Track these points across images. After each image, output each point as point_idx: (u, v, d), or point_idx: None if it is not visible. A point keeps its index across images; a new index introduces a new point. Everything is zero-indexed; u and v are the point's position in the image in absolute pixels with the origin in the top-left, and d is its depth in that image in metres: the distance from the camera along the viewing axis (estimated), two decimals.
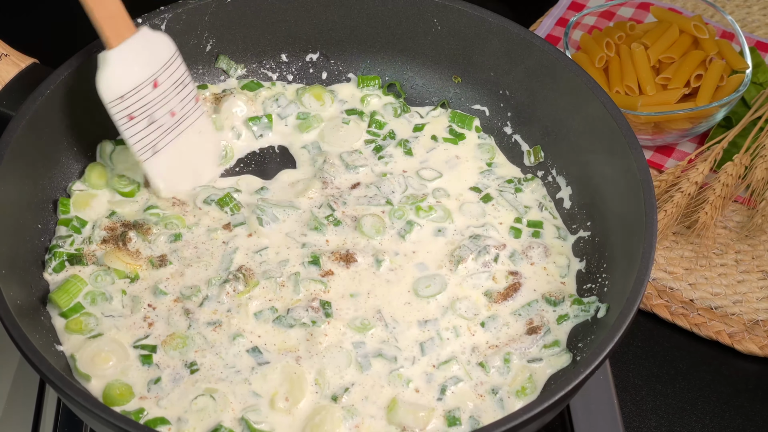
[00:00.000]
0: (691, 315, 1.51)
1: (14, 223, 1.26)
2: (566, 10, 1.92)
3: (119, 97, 1.27)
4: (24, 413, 1.34)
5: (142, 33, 1.29)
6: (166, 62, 1.31)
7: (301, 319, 1.25)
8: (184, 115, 1.35)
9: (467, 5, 1.44)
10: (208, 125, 1.40)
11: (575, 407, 1.33)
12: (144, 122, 1.30)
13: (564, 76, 1.37)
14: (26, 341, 1.11)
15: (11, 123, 1.27)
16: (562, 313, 1.28)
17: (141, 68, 1.28)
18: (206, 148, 1.40)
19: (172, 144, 1.35)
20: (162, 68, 1.30)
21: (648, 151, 1.70)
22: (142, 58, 1.28)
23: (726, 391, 1.46)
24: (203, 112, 1.38)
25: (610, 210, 1.34)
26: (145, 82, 1.29)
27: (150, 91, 1.29)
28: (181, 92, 1.33)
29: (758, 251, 1.58)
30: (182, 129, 1.35)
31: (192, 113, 1.36)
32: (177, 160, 1.36)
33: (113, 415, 1.07)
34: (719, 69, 1.64)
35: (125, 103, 1.28)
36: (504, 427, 1.06)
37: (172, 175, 1.36)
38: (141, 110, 1.29)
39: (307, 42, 1.52)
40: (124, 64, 1.27)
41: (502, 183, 1.43)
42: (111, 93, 1.27)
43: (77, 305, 1.26)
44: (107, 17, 1.24)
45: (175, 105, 1.33)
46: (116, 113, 1.28)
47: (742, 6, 1.94)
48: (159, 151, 1.34)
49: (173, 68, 1.32)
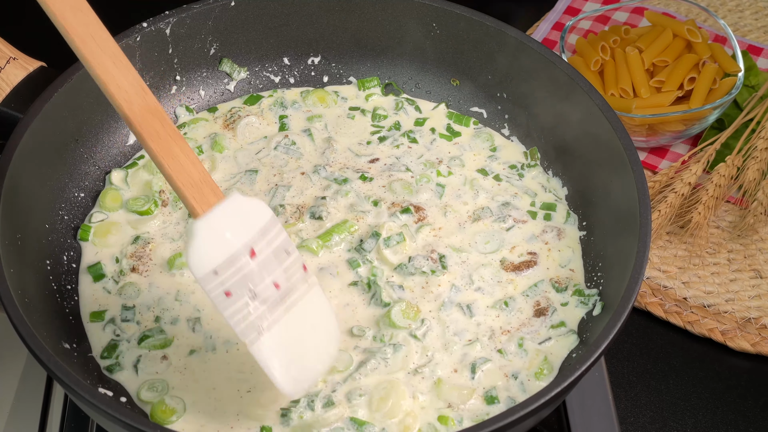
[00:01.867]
0: (684, 313, 1.52)
1: (24, 222, 1.27)
2: (562, 15, 1.93)
3: (212, 271, 1.07)
4: (31, 409, 1.34)
5: (233, 198, 1.10)
6: (262, 228, 1.11)
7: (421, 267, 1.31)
8: (290, 287, 1.13)
9: (466, 10, 1.44)
10: (321, 298, 1.17)
11: (571, 403, 1.34)
12: (244, 298, 1.09)
13: (560, 79, 1.38)
14: (34, 339, 1.12)
15: (19, 124, 1.28)
16: (563, 301, 1.31)
17: (234, 236, 1.09)
18: (322, 325, 1.18)
19: (282, 322, 1.13)
20: (258, 235, 1.10)
21: (642, 153, 1.71)
22: (235, 225, 1.09)
23: (718, 387, 1.46)
24: (315, 283, 1.16)
25: (605, 210, 1.35)
26: (239, 251, 1.09)
27: (247, 262, 1.09)
28: (284, 261, 1.12)
29: (750, 251, 1.59)
30: (291, 304, 1.13)
31: (300, 284, 1.14)
32: (290, 341, 1.14)
33: (120, 412, 1.08)
34: (712, 72, 1.65)
35: (220, 277, 1.08)
36: (501, 422, 1.07)
37: (286, 361, 1.13)
38: (238, 284, 1.09)
39: (309, 45, 1.53)
40: (213, 233, 1.08)
41: (507, 168, 1.45)
42: (203, 267, 1.07)
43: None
44: (190, 185, 1.08)
45: (279, 276, 1.12)
46: (211, 290, 1.08)
47: (734, 10, 1.94)
48: (265, 332, 1.12)
49: (272, 235, 1.12)
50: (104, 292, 1.31)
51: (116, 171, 1.42)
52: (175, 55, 1.47)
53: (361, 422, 1.19)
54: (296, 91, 1.54)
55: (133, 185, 1.42)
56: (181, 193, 1.09)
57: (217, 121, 1.50)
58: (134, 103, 1.07)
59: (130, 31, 1.40)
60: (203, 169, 1.10)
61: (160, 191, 1.40)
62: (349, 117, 1.51)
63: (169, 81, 1.49)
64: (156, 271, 1.33)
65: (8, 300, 1.14)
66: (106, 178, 1.42)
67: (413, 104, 1.53)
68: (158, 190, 1.40)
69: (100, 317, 1.29)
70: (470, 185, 1.42)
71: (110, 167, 1.44)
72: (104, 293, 1.31)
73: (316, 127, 1.49)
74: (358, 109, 1.52)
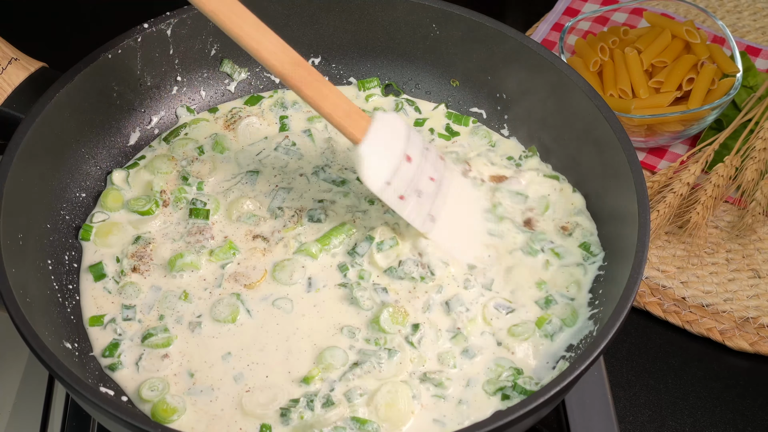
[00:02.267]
0: (683, 312, 1.52)
1: (25, 222, 1.27)
2: (561, 16, 1.93)
3: (385, 182, 1.26)
4: (33, 408, 1.35)
5: (378, 117, 1.28)
6: (407, 135, 1.30)
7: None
8: (441, 177, 1.33)
9: (465, 11, 1.45)
10: (460, 179, 1.38)
11: (570, 402, 1.34)
12: (413, 197, 1.29)
13: (559, 80, 1.39)
14: (36, 338, 1.12)
15: (21, 125, 1.28)
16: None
17: (392, 149, 1.28)
18: (471, 199, 1.38)
19: (446, 207, 1.33)
20: (406, 142, 1.29)
21: (641, 153, 1.71)
22: (388, 140, 1.28)
23: (717, 386, 1.47)
24: (453, 168, 1.37)
25: (603, 210, 1.35)
26: (399, 160, 1.28)
27: (407, 167, 1.28)
28: (430, 157, 1.32)
29: (748, 250, 1.60)
30: (445, 189, 1.33)
31: (446, 172, 1.34)
32: (455, 222, 1.34)
33: (122, 411, 1.08)
34: (710, 73, 1.66)
35: (393, 186, 1.27)
36: (501, 421, 1.07)
37: (458, 238, 1.34)
38: (407, 187, 1.28)
39: (309, 46, 1.53)
40: (376, 151, 1.26)
41: (504, 159, 1.46)
42: (378, 182, 1.26)
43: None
44: (345, 116, 1.25)
45: (430, 170, 1.32)
46: (388, 199, 1.27)
47: (732, 11, 1.95)
48: (437, 218, 1.31)
49: (414, 139, 1.31)
50: (105, 292, 1.32)
51: (117, 171, 1.43)
52: (177, 56, 1.47)
53: (363, 421, 1.20)
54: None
55: (135, 185, 1.42)
56: (340, 125, 1.25)
57: (218, 122, 1.51)
58: (284, 61, 1.22)
59: (131, 32, 1.41)
60: (348, 100, 1.26)
61: (161, 191, 1.41)
62: None
63: (170, 81, 1.49)
64: (156, 271, 1.33)
65: (10, 299, 1.15)
66: (108, 178, 1.43)
67: (413, 105, 1.53)
68: (159, 190, 1.41)
69: (99, 321, 1.29)
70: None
71: (111, 167, 1.44)
72: (105, 293, 1.32)
73: (317, 128, 1.50)
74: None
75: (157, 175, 1.43)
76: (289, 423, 1.19)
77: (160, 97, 1.49)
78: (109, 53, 1.38)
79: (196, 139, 1.48)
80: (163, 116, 1.50)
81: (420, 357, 1.25)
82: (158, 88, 1.48)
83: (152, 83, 1.47)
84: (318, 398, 1.21)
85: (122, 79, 1.42)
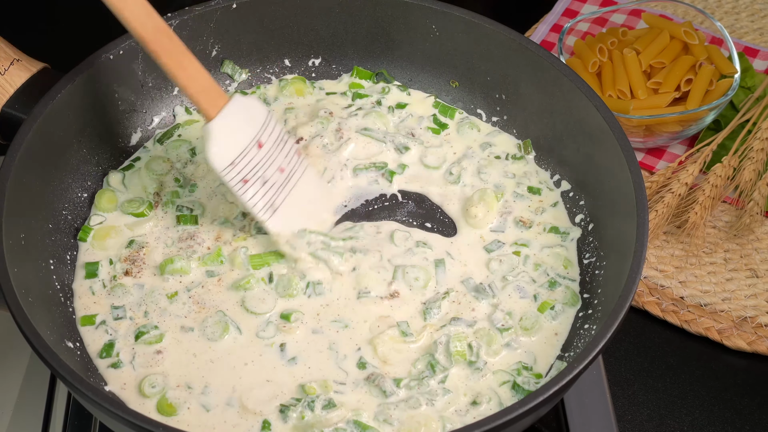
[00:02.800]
0: (681, 312, 1.53)
1: (27, 222, 1.28)
2: (560, 17, 1.94)
3: (230, 163, 1.27)
4: (35, 407, 1.35)
5: (236, 99, 1.28)
6: (264, 122, 1.30)
7: None
8: (291, 170, 1.34)
9: (465, 12, 1.45)
10: (315, 176, 1.39)
11: (569, 401, 1.35)
12: (258, 183, 1.30)
13: (558, 81, 1.39)
14: (38, 337, 1.13)
15: (23, 126, 1.28)
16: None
17: (243, 132, 1.28)
18: (320, 197, 1.39)
19: (288, 199, 1.34)
20: (261, 129, 1.30)
21: (640, 153, 1.72)
22: (242, 123, 1.28)
23: (715, 385, 1.47)
24: (308, 164, 1.37)
25: (602, 210, 1.36)
26: (250, 144, 1.28)
27: (256, 153, 1.29)
28: (283, 149, 1.33)
29: (746, 250, 1.60)
30: (293, 183, 1.34)
31: (298, 167, 1.35)
32: (296, 214, 1.35)
33: (123, 409, 1.08)
34: (708, 74, 1.66)
35: (237, 168, 1.27)
36: (500, 420, 1.08)
37: (297, 229, 1.34)
38: (252, 172, 1.29)
39: (309, 47, 1.54)
40: (227, 131, 1.26)
41: (491, 158, 1.46)
42: (222, 161, 1.26)
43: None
44: (201, 91, 1.25)
45: (282, 161, 1.32)
46: (230, 180, 1.28)
47: (730, 13, 1.95)
48: (278, 208, 1.32)
49: (271, 127, 1.31)
50: (95, 293, 1.32)
51: (113, 173, 1.43)
52: None
53: (365, 426, 1.19)
54: (276, 85, 1.55)
55: (130, 187, 1.42)
56: (194, 98, 1.25)
57: None
58: (147, 25, 1.21)
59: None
60: (209, 76, 1.25)
61: (155, 193, 1.41)
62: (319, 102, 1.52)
63: (171, 82, 1.49)
64: (148, 274, 1.33)
65: (12, 299, 1.15)
66: (104, 179, 1.43)
67: (405, 90, 1.53)
68: (153, 192, 1.41)
69: (91, 321, 1.29)
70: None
71: (113, 168, 1.45)
72: (96, 294, 1.32)
73: (290, 118, 1.49)
74: (335, 94, 1.53)
75: (151, 176, 1.43)
76: (288, 421, 1.20)
77: (161, 98, 1.49)
78: (110, 54, 1.39)
79: (189, 139, 1.48)
80: (164, 117, 1.51)
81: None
82: (159, 89, 1.48)
83: (153, 84, 1.47)
84: (319, 400, 1.21)
85: (123, 80, 1.43)
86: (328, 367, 1.25)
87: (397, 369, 1.25)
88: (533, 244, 1.37)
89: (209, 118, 1.26)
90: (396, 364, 1.25)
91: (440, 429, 1.19)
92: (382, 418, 1.20)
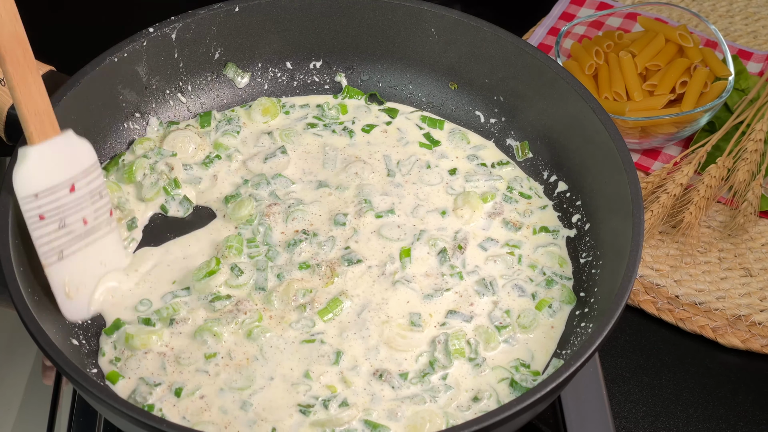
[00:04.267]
0: (676, 310, 1.53)
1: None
2: (557, 20, 1.94)
3: (33, 194, 1.19)
4: (41, 405, 1.35)
5: (67, 136, 1.22)
6: (86, 169, 1.23)
7: None
8: (96, 226, 1.26)
9: (463, 15, 1.46)
10: (117, 243, 1.31)
11: (566, 398, 1.35)
12: (54, 225, 1.21)
13: (555, 83, 1.40)
14: (43, 335, 1.13)
15: None
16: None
17: (60, 170, 1.21)
18: (112, 262, 1.31)
19: (80, 253, 1.26)
20: (81, 174, 1.23)
21: (635, 154, 1.72)
22: (63, 160, 1.21)
23: (709, 382, 1.47)
24: (115, 228, 1.30)
25: (598, 211, 1.36)
26: (62, 183, 1.21)
27: (65, 195, 1.21)
28: (96, 203, 1.25)
29: (740, 249, 1.61)
30: (92, 240, 1.27)
31: (104, 226, 1.28)
32: (81, 271, 1.27)
33: (129, 407, 1.08)
34: (703, 76, 1.67)
35: (38, 201, 1.19)
36: (497, 417, 1.08)
37: (74, 287, 1.27)
38: (53, 212, 1.21)
39: (311, 50, 1.54)
40: (43, 162, 1.19)
41: (478, 165, 1.47)
42: (25, 189, 1.18)
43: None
44: (34, 113, 1.18)
45: (89, 214, 1.25)
46: (27, 210, 1.19)
47: (725, 16, 1.96)
48: (65, 258, 1.24)
49: (92, 176, 1.24)
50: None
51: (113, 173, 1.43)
52: (181, 60, 1.48)
53: (375, 425, 1.19)
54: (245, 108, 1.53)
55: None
56: (24, 119, 1.18)
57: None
58: (4, 28, 1.14)
59: (137, 36, 1.42)
60: (49, 104, 1.19)
61: (117, 205, 1.39)
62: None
63: (174, 85, 1.50)
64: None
65: (18, 298, 1.16)
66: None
67: (393, 114, 1.54)
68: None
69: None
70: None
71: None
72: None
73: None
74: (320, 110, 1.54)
75: (122, 189, 1.41)
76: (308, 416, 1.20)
77: (164, 101, 1.50)
78: (115, 57, 1.39)
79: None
80: (168, 119, 1.51)
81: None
82: (163, 92, 1.49)
83: (157, 86, 1.48)
84: (334, 400, 1.21)
85: (128, 83, 1.44)
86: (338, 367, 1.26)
87: (402, 359, 1.26)
88: (525, 245, 1.38)
89: (31, 143, 1.19)
90: (403, 351, 1.26)
91: (445, 425, 1.20)
92: (388, 415, 1.20)
